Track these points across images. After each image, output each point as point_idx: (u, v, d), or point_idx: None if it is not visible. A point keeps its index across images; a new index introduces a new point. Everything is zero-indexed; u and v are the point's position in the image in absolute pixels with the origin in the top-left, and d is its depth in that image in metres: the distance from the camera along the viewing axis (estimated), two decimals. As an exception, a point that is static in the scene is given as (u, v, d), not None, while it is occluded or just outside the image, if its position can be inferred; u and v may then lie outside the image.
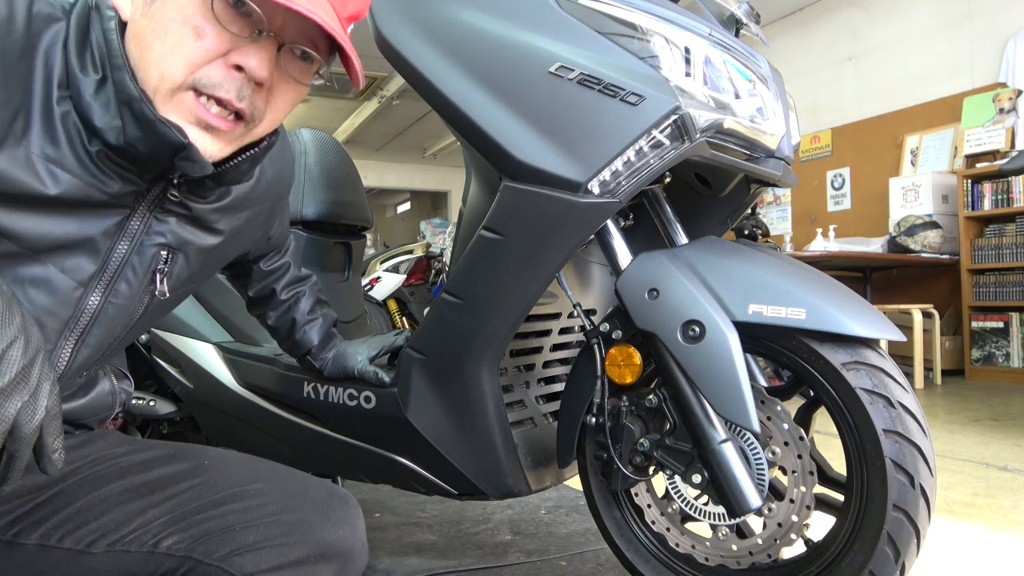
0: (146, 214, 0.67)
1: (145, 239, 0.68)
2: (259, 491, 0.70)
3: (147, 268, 0.69)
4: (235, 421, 1.38)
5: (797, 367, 0.92)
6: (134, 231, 0.67)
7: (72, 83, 0.61)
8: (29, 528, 0.67)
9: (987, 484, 2.04)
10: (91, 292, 0.66)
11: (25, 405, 0.50)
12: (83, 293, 0.66)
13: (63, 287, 0.64)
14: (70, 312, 0.66)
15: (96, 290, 0.67)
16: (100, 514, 0.67)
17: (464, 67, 0.95)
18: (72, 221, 0.63)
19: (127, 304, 0.70)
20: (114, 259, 0.66)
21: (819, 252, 4.19)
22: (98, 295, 0.67)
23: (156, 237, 0.69)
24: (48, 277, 0.63)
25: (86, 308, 0.67)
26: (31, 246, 0.61)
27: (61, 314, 0.65)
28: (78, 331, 0.67)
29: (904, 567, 0.87)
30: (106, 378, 0.81)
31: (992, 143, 4.61)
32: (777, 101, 1.04)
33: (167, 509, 0.68)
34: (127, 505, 0.68)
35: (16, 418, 0.50)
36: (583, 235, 0.94)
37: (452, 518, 1.74)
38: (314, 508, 0.69)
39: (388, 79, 7.41)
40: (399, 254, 4.79)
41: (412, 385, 1.09)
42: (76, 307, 0.66)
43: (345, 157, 1.71)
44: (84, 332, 0.68)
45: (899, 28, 5.36)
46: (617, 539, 1.10)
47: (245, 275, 1.13)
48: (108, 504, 0.68)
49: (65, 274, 0.64)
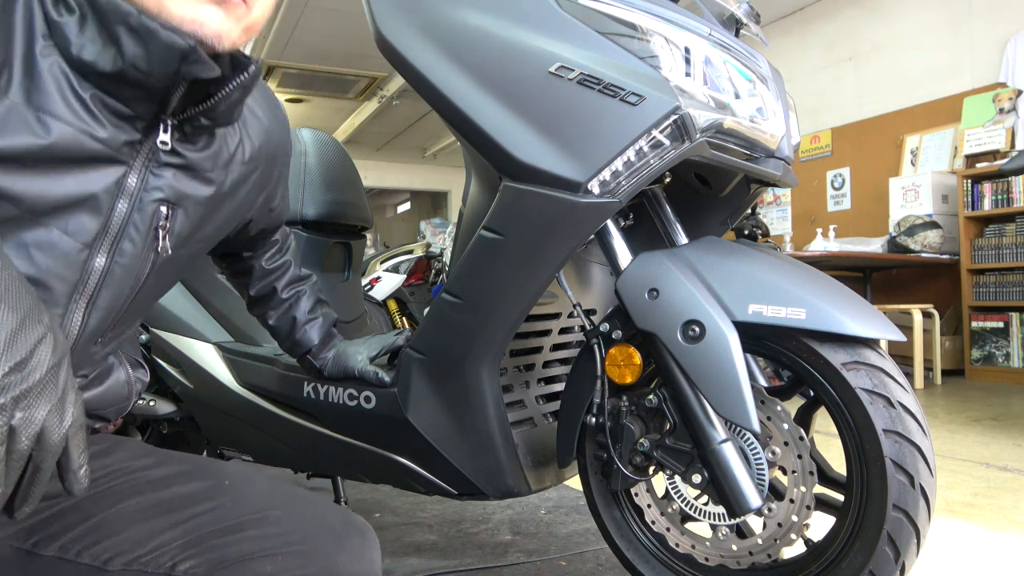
0: (142, 170, 0.67)
1: (144, 195, 0.68)
2: (278, 519, 0.70)
3: (149, 225, 0.69)
4: (235, 421, 1.38)
5: (797, 367, 0.92)
6: (132, 188, 0.67)
7: (55, 31, 0.61)
8: (47, 539, 0.66)
9: (987, 484, 2.04)
10: (96, 253, 0.66)
11: (53, 410, 0.47)
12: (88, 255, 0.65)
13: (68, 249, 0.64)
14: (77, 275, 0.65)
15: (101, 251, 0.66)
16: (118, 531, 0.67)
17: (464, 67, 0.95)
18: (69, 178, 0.62)
19: (133, 264, 0.69)
20: (116, 218, 0.66)
21: (819, 252, 4.19)
22: (103, 256, 0.67)
23: (154, 192, 0.69)
24: (52, 240, 0.63)
25: (93, 270, 0.66)
26: (31, 207, 0.61)
27: (69, 277, 0.65)
28: (87, 294, 0.67)
29: (904, 567, 0.87)
30: (121, 367, 0.81)
31: (992, 143, 4.61)
32: (777, 101, 1.04)
33: (185, 531, 0.67)
34: (145, 523, 0.68)
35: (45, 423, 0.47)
36: (583, 235, 0.94)
37: (452, 518, 1.74)
38: (332, 540, 0.69)
39: (388, 79, 7.41)
40: (399, 254, 4.79)
41: (412, 385, 1.09)
42: (83, 269, 0.66)
43: (345, 157, 1.71)
44: (93, 295, 0.67)
45: (899, 28, 5.36)
46: (617, 539, 1.10)
47: (246, 273, 1.13)
48: (126, 521, 0.68)
49: (69, 236, 0.64)
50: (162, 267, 0.74)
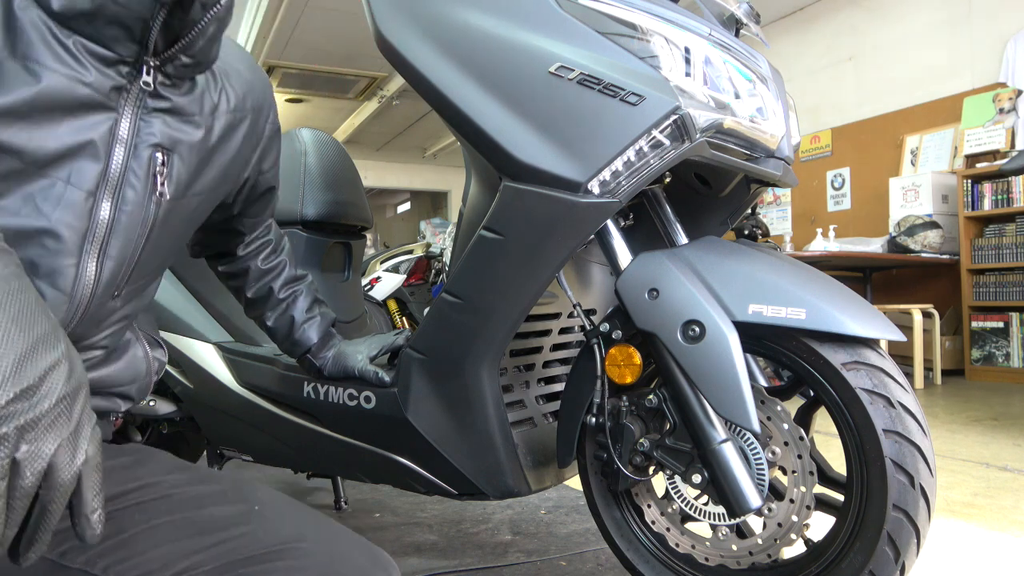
0: (132, 117, 0.69)
1: (138, 142, 0.70)
2: (305, 551, 0.69)
3: (147, 171, 0.71)
4: (235, 421, 1.38)
5: (797, 367, 0.92)
6: (126, 134, 0.69)
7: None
8: (76, 550, 0.65)
9: (987, 484, 2.04)
10: (101, 201, 0.68)
11: (64, 445, 0.43)
12: (93, 203, 0.67)
13: (74, 199, 0.66)
14: (85, 223, 0.67)
15: (105, 199, 0.68)
16: (147, 548, 0.66)
17: (464, 67, 0.95)
18: (64, 126, 0.64)
19: (137, 212, 0.71)
20: (114, 165, 0.68)
21: (819, 252, 4.19)
22: (108, 203, 0.68)
23: (147, 138, 0.71)
24: (57, 190, 0.64)
25: (100, 218, 0.68)
26: (33, 159, 0.63)
27: (78, 226, 0.66)
28: (98, 243, 0.68)
29: (904, 567, 0.87)
30: (139, 343, 0.82)
31: (992, 143, 4.61)
32: (777, 101, 1.04)
33: (215, 555, 0.66)
34: (176, 544, 0.67)
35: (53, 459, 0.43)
36: (583, 235, 0.94)
37: (452, 518, 1.74)
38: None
39: (388, 79, 7.41)
40: (399, 254, 4.80)
41: (412, 385, 1.09)
42: (90, 218, 0.67)
43: (345, 157, 1.71)
44: (104, 244, 0.69)
45: (899, 28, 5.36)
46: (617, 539, 1.10)
47: (243, 274, 1.14)
48: (156, 539, 0.67)
49: (72, 185, 0.65)
50: (167, 218, 0.75)
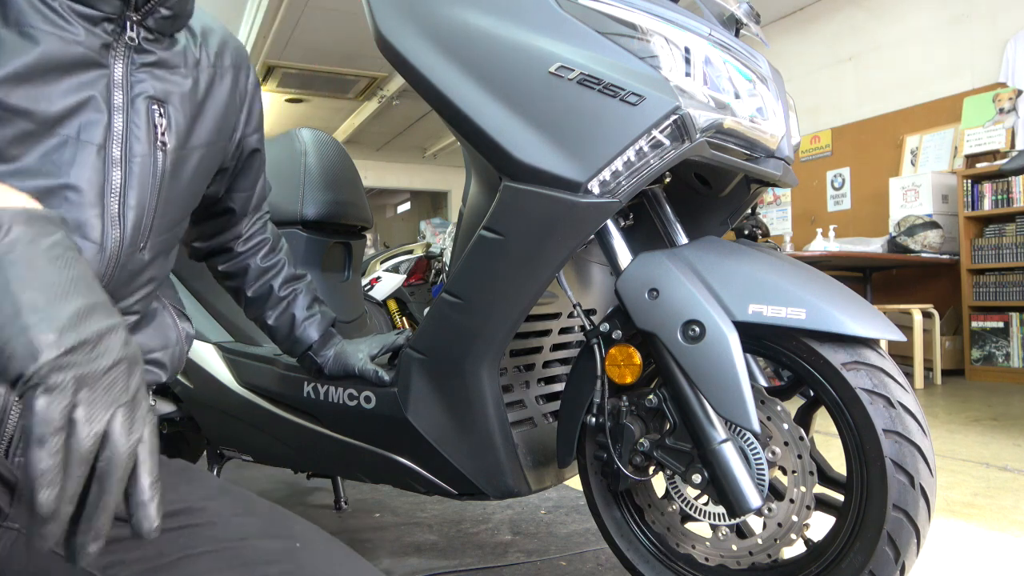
0: (124, 72, 0.73)
1: (134, 96, 0.74)
2: None
3: (147, 123, 0.75)
4: (235, 421, 1.38)
5: (797, 367, 0.92)
6: (121, 89, 0.72)
7: None
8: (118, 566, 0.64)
9: (987, 484, 2.04)
10: (111, 153, 0.71)
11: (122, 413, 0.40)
12: (105, 156, 0.71)
13: (86, 153, 0.69)
14: (101, 176, 0.70)
15: (114, 151, 0.71)
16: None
17: (464, 67, 0.95)
18: (64, 85, 0.67)
19: (146, 162, 0.75)
20: (116, 119, 0.71)
21: (819, 252, 4.19)
22: (118, 156, 0.72)
23: (141, 91, 0.74)
24: (69, 146, 0.68)
25: (112, 171, 0.71)
26: (43, 120, 0.66)
27: (95, 179, 0.70)
28: (116, 195, 0.72)
29: (904, 567, 0.87)
30: (165, 311, 0.85)
31: (992, 143, 4.61)
32: (777, 101, 1.04)
33: None
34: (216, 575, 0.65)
35: (110, 426, 0.39)
36: (583, 235, 0.94)
37: (452, 518, 1.74)
38: None
39: (388, 79, 7.41)
40: (399, 254, 4.80)
41: (412, 385, 1.09)
42: (104, 170, 0.71)
43: (345, 157, 1.71)
44: (122, 194, 0.72)
45: (899, 28, 5.36)
46: (617, 539, 1.10)
47: (242, 273, 1.14)
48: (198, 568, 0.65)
49: (83, 141, 0.69)
50: (174, 171, 0.79)
